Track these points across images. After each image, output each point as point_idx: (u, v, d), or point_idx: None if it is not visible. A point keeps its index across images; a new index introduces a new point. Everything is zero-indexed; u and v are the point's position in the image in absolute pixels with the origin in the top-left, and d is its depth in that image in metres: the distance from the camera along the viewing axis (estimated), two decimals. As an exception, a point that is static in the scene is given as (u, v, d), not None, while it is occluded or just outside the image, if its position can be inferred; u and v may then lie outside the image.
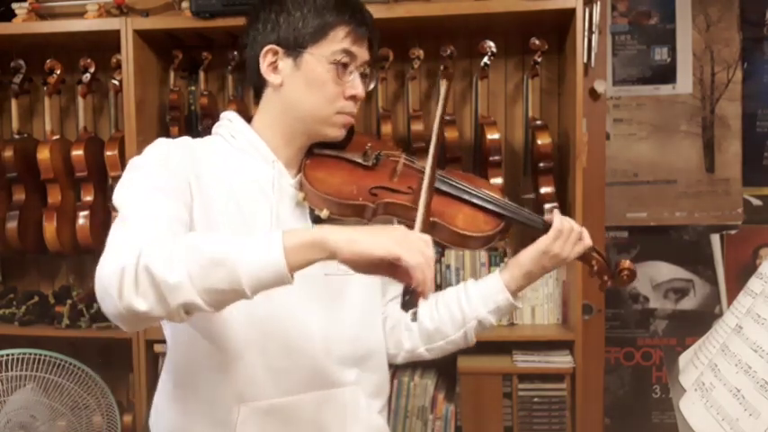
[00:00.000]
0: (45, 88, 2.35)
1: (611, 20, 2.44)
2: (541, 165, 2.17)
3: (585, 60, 2.28)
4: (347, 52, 1.17)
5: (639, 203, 2.48)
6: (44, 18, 2.37)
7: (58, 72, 2.34)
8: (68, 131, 2.52)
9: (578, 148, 2.08)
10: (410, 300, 0.96)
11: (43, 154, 2.31)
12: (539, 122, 2.23)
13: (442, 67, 2.22)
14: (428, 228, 1.15)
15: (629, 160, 2.47)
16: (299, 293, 1.16)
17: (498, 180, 2.16)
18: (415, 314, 0.99)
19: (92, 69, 2.34)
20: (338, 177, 1.22)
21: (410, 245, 0.94)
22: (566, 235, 1.26)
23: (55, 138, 2.37)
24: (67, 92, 2.48)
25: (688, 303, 2.49)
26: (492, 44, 2.15)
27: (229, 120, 1.25)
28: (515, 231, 1.39)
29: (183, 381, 1.18)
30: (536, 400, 2.15)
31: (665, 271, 2.49)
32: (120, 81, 2.26)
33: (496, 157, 2.16)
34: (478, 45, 2.17)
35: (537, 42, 2.15)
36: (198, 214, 1.12)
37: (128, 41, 2.19)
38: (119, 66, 2.25)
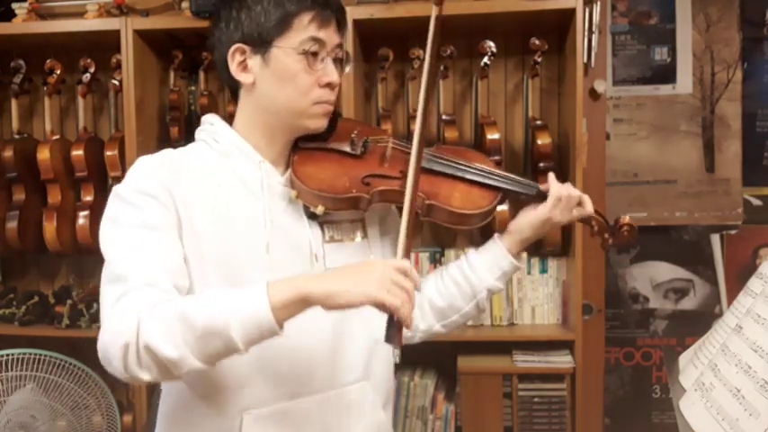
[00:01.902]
0: (45, 88, 2.35)
1: (611, 20, 2.44)
2: (541, 165, 2.17)
3: (585, 60, 2.28)
4: (315, 39, 1.13)
5: (639, 203, 2.48)
6: (44, 18, 2.37)
7: (58, 72, 2.34)
8: (68, 131, 2.52)
9: (578, 148, 2.08)
10: (393, 332, 0.98)
11: (43, 154, 2.31)
12: (539, 122, 2.23)
13: (442, 67, 2.22)
14: (415, 237, 1.13)
15: (629, 160, 2.47)
16: None
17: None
18: (398, 355, 1.02)
19: (92, 69, 2.34)
20: (329, 171, 1.20)
21: (389, 285, 0.97)
22: (564, 202, 1.27)
23: (55, 138, 2.37)
24: (67, 92, 2.48)
25: (688, 303, 2.48)
26: (492, 44, 2.15)
27: (211, 123, 1.23)
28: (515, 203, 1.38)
29: (184, 395, 1.16)
30: (536, 400, 2.15)
31: (665, 271, 2.49)
32: (120, 81, 2.26)
33: (496, 157, 2.16)
34: (478, 45, 2.17)
35: (537, 42, 2.15)
36: (187, 237, 1.10)
37: (128, 41, 2.19)
38: (119, 66, 2.25)
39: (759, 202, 2.44)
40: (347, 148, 1.24)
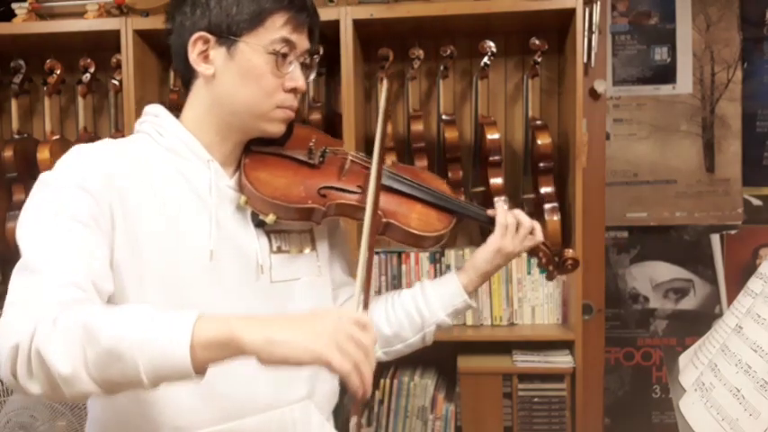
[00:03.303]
0: (45, 88, 2.35)
1: (611, 20, 2.44)
2: (541, 165, 2.17)
3: (585, 60, 2.28)
4: (286, 41, 1.07)
5: (639, 203, 2.48)
6: (44, 18, 2.37)
7: (58, 72, 2.34)
8: (68, 131, 2.52)
9: (578, 148, 2.08)
10: (349, 406, 0.88)
11: (43, 154, 2.30)
12: (539, 122, 2.23)
13: (441, 68, 2.22)
14: (371, 264, 1.06)
15: (629, 160, 2.47)
16: (241, 306, 1.07)
17: (498, 180, 2.16)
18: (357, 426, 0.88)
19: (92, 69, 2.34)
20: (283, 178, 1.13)
21: (341, 344, 0.81)
22: (512, 230, 1.26)
23: (55, 138, 2.37)
24: (67, 92, 2.48)
25: (688, 303, 2.49)
26: (492, 44, 2.15)
27: (155, 115, 1.13)
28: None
29: (118, 410, 1.05)
30: (536, 400, 2.15)
31: (665, 271, 2.49)
32: (120, 81, 2.26)
33: (496, 157, 2.16)
34: (478, 45, 2.17)
35: (537, 42, 2.15)
36: (121, 241, 1.00)
37: (128, 41, 2.19)
38: (119, 66, 2.25)
39: (759, 202, 2.44)
40: (304, 157, 1.17)
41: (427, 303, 1.27)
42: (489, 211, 1.29)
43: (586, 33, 2.26)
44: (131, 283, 1.01)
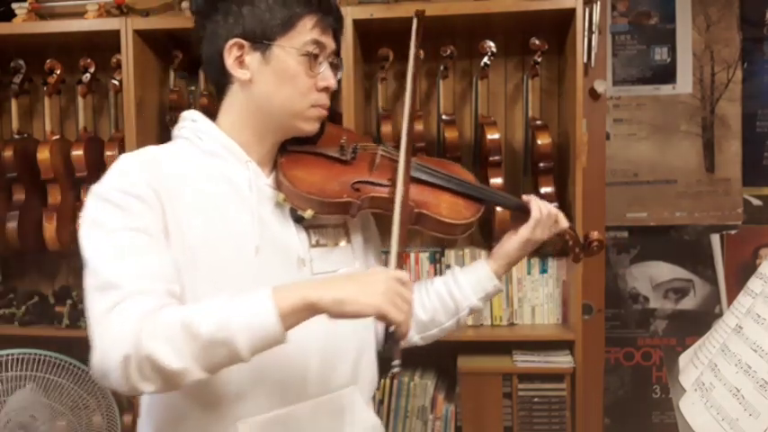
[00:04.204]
0: (45, 88, 2.35)
1: (611, 20, 2.44)
2: (541, 165, 2.17)
3: (585, 60, 2.28)
4: (317, 43, 1.14)
5: (639, 203, 2.48)
6: (44, 18, 2.37)
7: (58, 72, 2.34)
8: (68, 131, 2.52)
9: (578, 148, 2.08)
10: (392, 344, 1.00)
11: (43, 154, 2.30)
12: (539, 122, 2.23)
13: (441, 68, 2.22)
14: (405, 243, 1.15)
15: (629, 160, 2.47)
16: None
17: (498, 180, 2.16)
18: (399, 365, 1.01)
19: (92, 69, 2.34)
20: (318, 175, 1.19)
21: (394, 299, 0.97)
22: (544, 222, 1.33)
23: (55, 138, 2.37)
24: (67, 92, 2.48)
25: (688, 303, 2.49)
26: (492, 44, 2.15)
27: (193, 120, 1.19)
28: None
29: (175, 405, 1.11)
30: (536, 400, 2.15)
31: (665, 271, 2.49)
32: (120, 81, 2.26)
33: (496, 157, 2.16)
34: (478, 45, 2.17)
35: (537, 42, 2.15)
36: (175, 242, 1.06)
37: (128, 41, 2.19)
38: (119, 66, 2.25)
39: (759, 202, 2.44)
40: (336, 154, 1.24)
41: (460, 289, 1.34)
42: (525, 198, 1.35)
43: (586, 33, 2.26)
44: (186, 282, 1.06)
